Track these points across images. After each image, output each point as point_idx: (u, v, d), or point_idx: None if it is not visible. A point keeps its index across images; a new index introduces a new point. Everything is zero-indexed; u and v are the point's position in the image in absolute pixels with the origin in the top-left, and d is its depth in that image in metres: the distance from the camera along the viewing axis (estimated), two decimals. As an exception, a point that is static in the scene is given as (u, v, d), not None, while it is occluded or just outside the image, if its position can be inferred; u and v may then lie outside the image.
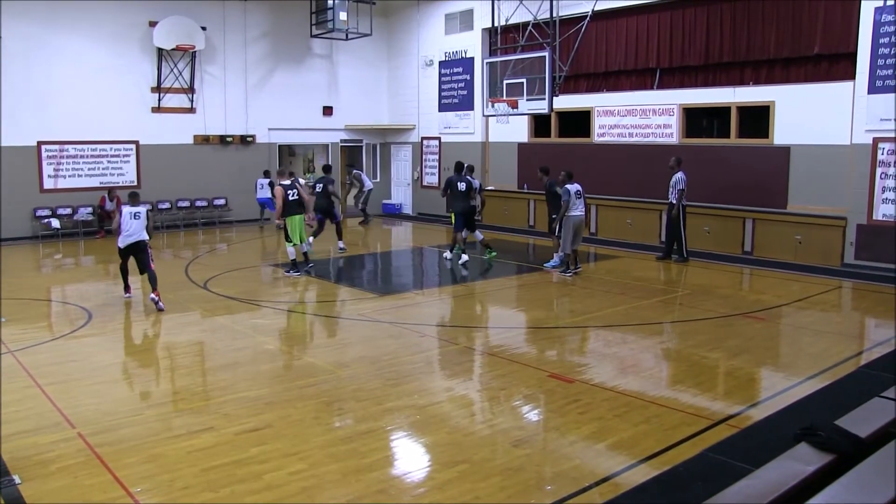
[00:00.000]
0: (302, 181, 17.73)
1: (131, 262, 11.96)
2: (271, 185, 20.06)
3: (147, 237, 11.82)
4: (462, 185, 15.24)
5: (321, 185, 16.73)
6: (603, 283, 13.31)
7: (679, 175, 14.88)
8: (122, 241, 11.81)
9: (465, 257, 15.36)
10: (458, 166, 15.80)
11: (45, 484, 5.59)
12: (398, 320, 10.87)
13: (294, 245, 14.07)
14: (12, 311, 11.44)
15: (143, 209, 11.96)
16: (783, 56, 15.71)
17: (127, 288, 12.41)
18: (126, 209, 11.98)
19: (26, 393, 7.66)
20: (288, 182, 14.08)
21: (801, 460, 3.94)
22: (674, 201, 14.95)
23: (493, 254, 15.89)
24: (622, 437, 6.44)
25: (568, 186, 13.67)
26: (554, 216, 14.58)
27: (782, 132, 15.51)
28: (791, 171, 15.38)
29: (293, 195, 13.94)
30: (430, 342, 9.85)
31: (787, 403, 7.23)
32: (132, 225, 11.77)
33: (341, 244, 17.15)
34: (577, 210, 13.79)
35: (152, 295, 11.53)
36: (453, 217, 15.54)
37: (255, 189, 21.43)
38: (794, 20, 15.35)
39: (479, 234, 15.96)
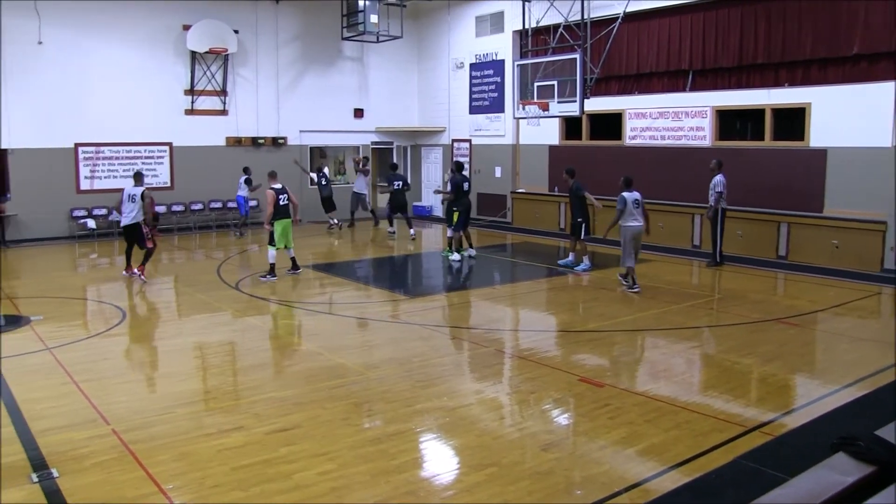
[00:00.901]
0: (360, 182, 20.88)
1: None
2: (248, 182, 19.92)
3: (140, 218, 13.30)
4: (466, 185, 16.28)
5: (399, 182, 19.39)
6: (634, 287, 13.18)
7: (718, 177, 14.71)
8: (122, 221, 13.53)
9: (458, 256, 16.13)
10: (459, 166, 16.84)
11: (81, 478, 5.68)
12: (427, 322, 10.85)
13: (277, 249, 13.95)
14: (49, 309, 11.63)
15: (138, 191, 13.25)
16: (820, 56, 15.48)
17: (127, 268, 13.70)
18: (127, 189, 13.37)
19: (63, 389, 7.80)
20: (279, 186, 14.01)
21: (838, 470, 3.83)
22: (712, 203, 14.79)
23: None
24: (652, 443, 6.36)
25: (625, 194, 12.68)
26: (580, 219, 14.57)
27: (819, 134, 15.28)
28: (828, 174, 15.14)
29: (284, 199, 13.89)
30: (460, 344, 9.83)
31: (822, 412, 7.10)
32: (128, 207, 13.24)
33: (412, 231, 19.77)
34: (634, 220, 12.73)
35: (135, 270, 13.51)
36: (455, 216, 16.09)
37: (238, 188, 20.56)
38: (832, 20, 15.11)
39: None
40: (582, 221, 14.58)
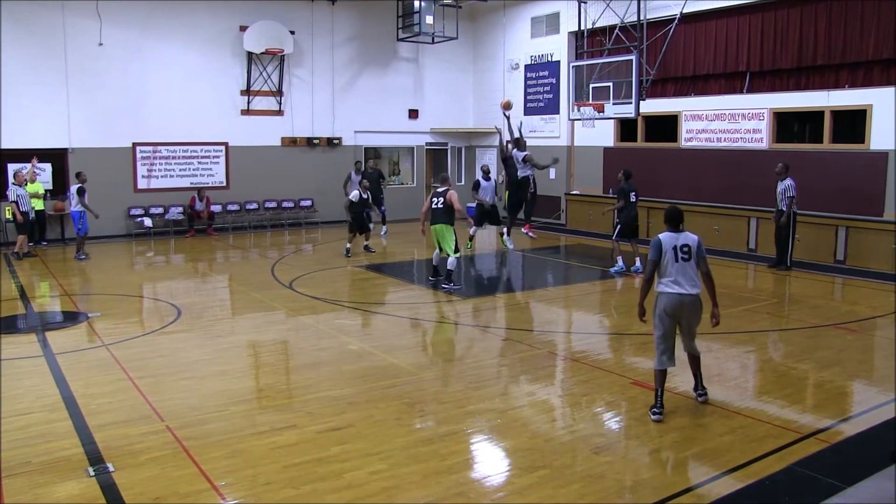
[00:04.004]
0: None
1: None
2: (80, 191, 16.52)
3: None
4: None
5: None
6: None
7: (788, 182, 14.47)
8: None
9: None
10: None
11: (136, 473, 5.82)
12: (481, 323, 10.89)
13: (457, 255, 13.38)
14: (106, 306, 11.93)
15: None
16: (883, 57, 15.12)
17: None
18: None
19: (119, 385, 8.01)
20: (442, 188, 13.27)
21: (896, 479, 3.79)
22: (784, 209, 14.57)
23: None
24: (705, 448, 6.33)
25: (662, 237, 7.21)
26: (617, 221, 14.62)
27: (880, 137, 14.95)
28: (889, 177, 14.82)
29: (437, 203, 13.09)
30: (513, 346, 9.83)
31: (882, 419, 6.99)
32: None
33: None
34: (676, 284, 7.16)
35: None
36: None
37: (71, 201, 16.97)
38: (896, 19, 14.78)
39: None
40: (618, 223, 14.56)
